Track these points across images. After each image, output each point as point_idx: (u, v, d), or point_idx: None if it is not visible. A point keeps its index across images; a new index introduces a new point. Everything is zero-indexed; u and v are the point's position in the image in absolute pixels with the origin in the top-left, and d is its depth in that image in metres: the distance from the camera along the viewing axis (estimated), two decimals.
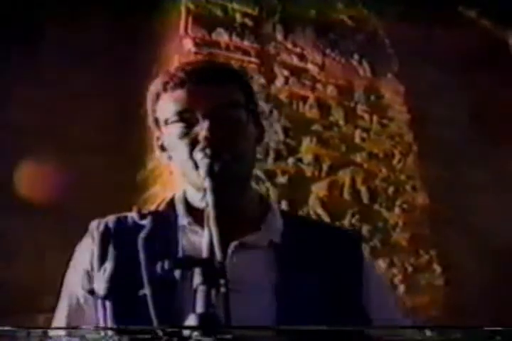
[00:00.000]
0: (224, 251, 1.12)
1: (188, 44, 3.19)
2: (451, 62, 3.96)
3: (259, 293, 1.14)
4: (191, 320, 0.81)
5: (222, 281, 0.87)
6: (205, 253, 0.92)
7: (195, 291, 0.86)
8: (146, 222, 1.25)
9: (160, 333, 0.89)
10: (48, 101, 3.03)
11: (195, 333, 0.79)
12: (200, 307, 0.83)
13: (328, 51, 3.58)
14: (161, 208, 1.31)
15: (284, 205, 2.95)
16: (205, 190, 1.08)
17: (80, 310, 1.25)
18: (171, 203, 1.31)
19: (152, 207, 1.33)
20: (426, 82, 3.83)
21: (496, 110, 3.94)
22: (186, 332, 0.81)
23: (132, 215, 1.29)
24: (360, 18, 3.81)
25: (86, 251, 1.27)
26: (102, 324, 1.17)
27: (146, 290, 1.12)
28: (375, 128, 3.46)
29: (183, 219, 1.25)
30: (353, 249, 1.31)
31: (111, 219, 1.29)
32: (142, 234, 1.22)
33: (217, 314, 0.82)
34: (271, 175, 3.01)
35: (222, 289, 0.86)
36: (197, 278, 0.87)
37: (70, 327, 1.19)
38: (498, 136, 3.85)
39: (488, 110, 3.96)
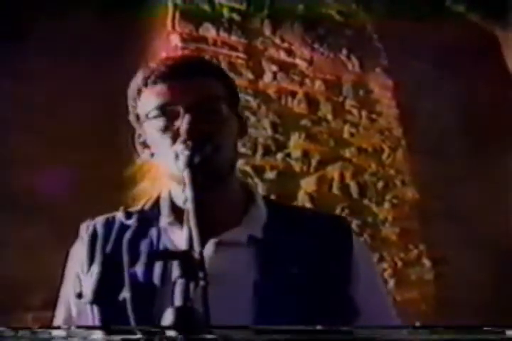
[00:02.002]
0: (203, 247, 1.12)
1: (175, 39, 3.18)
2: (439, 57, 3.96)
3: (238, 291, 1.12)
4: (169, 314, 0.80)
5: (201, 274, 0.85)
6: (184, 247, 0.91)
7: (174, 284, 0.85)
8: (131, 222, 1.23)
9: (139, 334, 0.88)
10: (33, 99, 3.01)
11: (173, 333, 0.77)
12: (178, 301, 0.82)
13: (316, 46, 3.57)
14: (146, 207, 1.28)
15: None
16: (185, 183, 1.07)
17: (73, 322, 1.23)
18: (157, 202, 1.28)
19: (139, 206, 1.30)
20: (414, 77, 3.83)
21: (484, 104, 3.95)
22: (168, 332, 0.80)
23: (119, 215, 1.27)
24: (348, 12, 3.80)
25: (76, 255, 1.26)
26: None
27: (126, 293, 1.10)
28: (364, 123, 3.46)
29: (165, 219, 1.22)
30: (342, 237, 1.26)
31: (99, 221, 1.27)
32: (127, 235, 1.20)
33: (194, 308, 0.81)
34: (259, 171, 3.00)
35: (201, 282, 0.85)
36: (175, 271, 0.86)
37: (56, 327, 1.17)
38: (487, 130, 3.86)
39: (477, 104, 3.97)
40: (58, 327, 1.15)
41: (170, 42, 3.20)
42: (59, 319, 1.26)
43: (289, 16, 3.55)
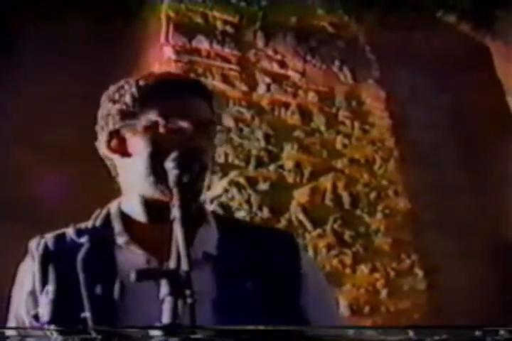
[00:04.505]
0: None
1: (169, 51, 3.21)
2: (431, 67, 3.99)
3: (198, 308, 1.13)
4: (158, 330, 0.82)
5: (188, 292, 0.88)
6: (172, 265, 0.93)
7: (162, 302, 0.87)
8: (83, 240, 1.22)
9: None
10: (26, 108, 3.03)
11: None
12: (166, 318, 0.85)
13: (308, 58, 3.60)
14: (97, 224, 1.26)
15: (265, 212, 2.96)
16: (160, 201, 1.12)
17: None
18: (107, 218, 1.27)
19: (90, 222, 1.28)
20: (407, 87, 3.86)
21: (475, 114, 3.98)
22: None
23: (69, 232, 1.26)
24: (340, 24, 3.84)
25: (28, 272, 1.24)
26: None
27: (87, 313, 1.10)
28: (357, 133, 3.48)
29: (120, 238, 1.22)
30: (290, 251, 1.29)
31: (49, 238, 1.25)
32: (80, 254, 1.19)
33: (182, 325, 0.84)
34: (252, 182, 3.02)
35: (189, 300, 0.87)
36: (164, 289, 0.88)
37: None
38: (479, 139, 3.89)
39: (469, 114, 3.99)
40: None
41: (163, 54, 3.23)
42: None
43: (282, 28, 3.58)
